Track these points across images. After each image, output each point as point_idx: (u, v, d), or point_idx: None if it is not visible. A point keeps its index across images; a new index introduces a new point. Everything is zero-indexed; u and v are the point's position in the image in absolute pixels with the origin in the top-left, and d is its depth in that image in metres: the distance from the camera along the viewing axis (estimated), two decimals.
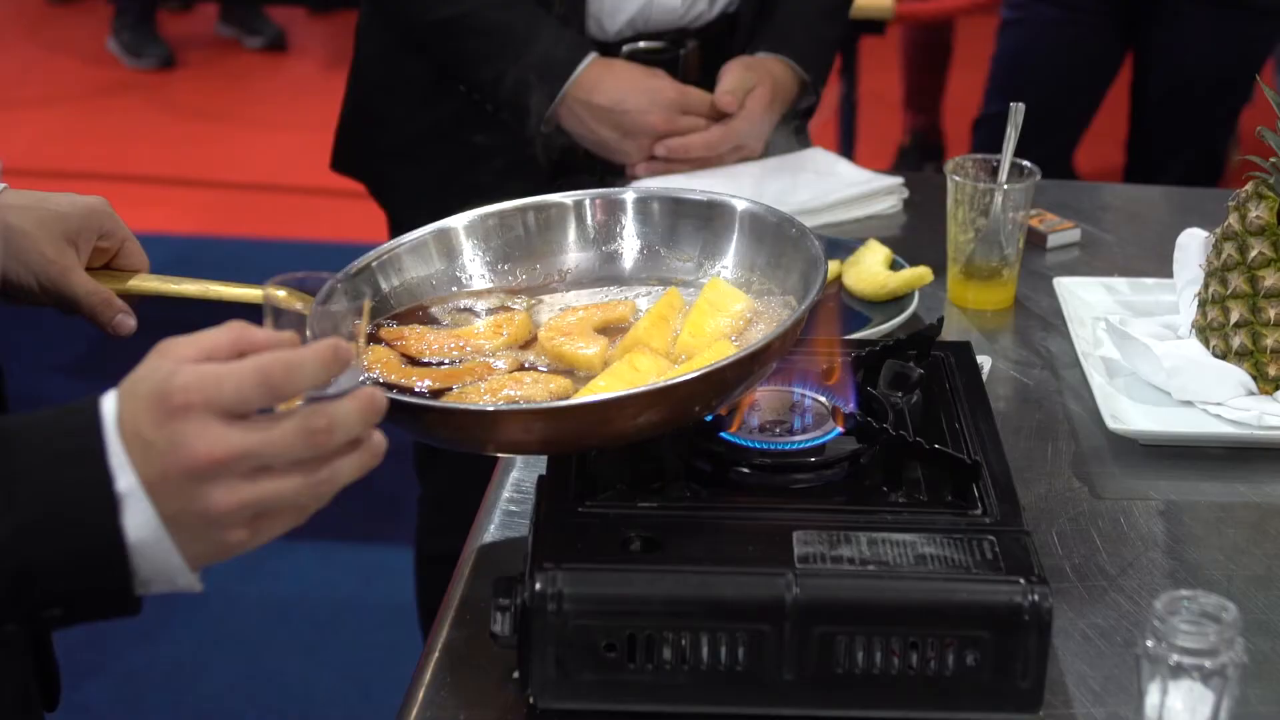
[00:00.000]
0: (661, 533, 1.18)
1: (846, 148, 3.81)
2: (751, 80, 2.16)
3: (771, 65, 2.21)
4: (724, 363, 1.21)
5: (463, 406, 1.27)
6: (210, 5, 6.16)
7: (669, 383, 1.20)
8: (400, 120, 2.27)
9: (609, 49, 2.16)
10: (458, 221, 1.49)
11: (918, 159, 4.81)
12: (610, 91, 2.10)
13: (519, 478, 1.49)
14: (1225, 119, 3.40)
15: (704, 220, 1.47)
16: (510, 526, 1.42)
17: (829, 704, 1.16)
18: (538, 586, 1.13)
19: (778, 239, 1.42)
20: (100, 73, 5.76)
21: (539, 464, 1.49)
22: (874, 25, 3.67)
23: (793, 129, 2.27)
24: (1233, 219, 1.63)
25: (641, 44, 2.19)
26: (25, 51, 5.95)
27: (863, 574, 1.15)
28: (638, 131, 2.11)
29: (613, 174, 2.16)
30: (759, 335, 1.33)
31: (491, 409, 1.24)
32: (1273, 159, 1.60)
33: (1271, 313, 1.59)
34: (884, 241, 1.91)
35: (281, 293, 1.19)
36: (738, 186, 2.09)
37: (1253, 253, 1.60)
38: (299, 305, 1.40)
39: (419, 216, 2.02)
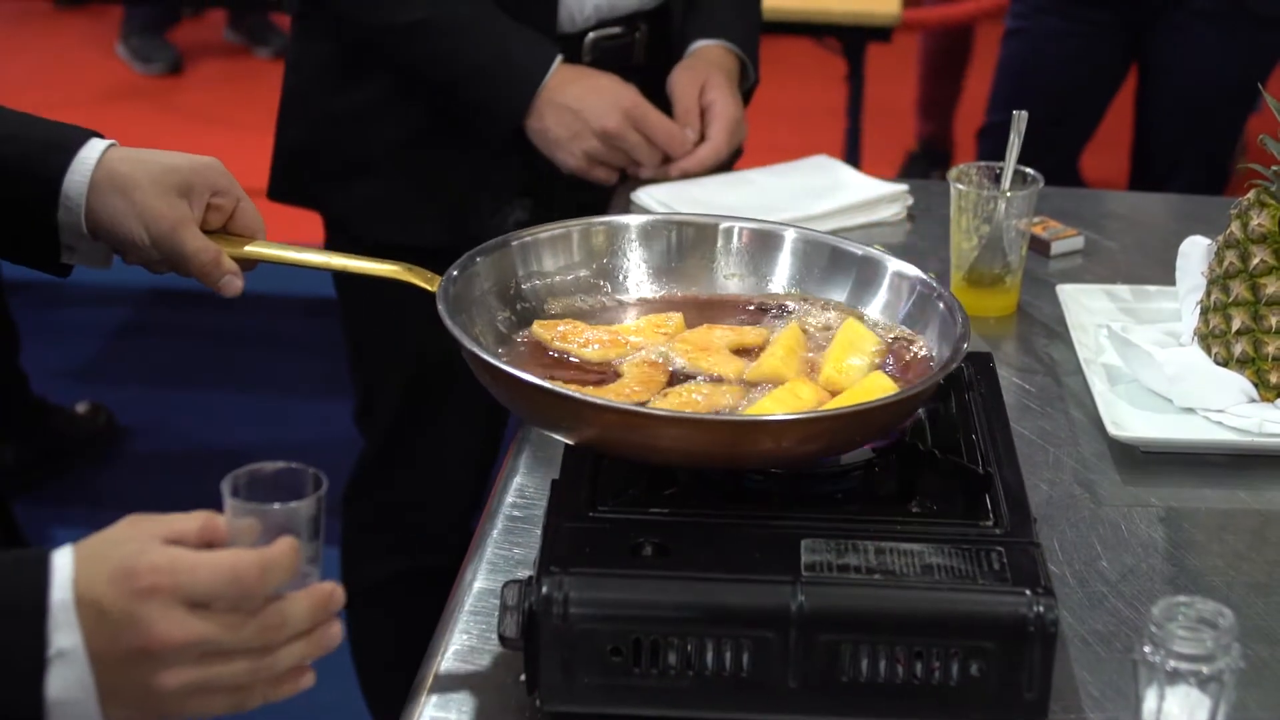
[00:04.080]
0: (671, 539, 1.19)
1: (852, 155, 3.82)
2: (699, 80, 2.18)
3: (708, 54, 2.22)
4: (920, 388, 1.26)
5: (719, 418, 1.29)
6: (219, 11, 6.16)
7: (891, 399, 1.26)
8: (354, 139, 2.20)
9: (574, 40, 2.16)
10: (625, 220, 1.54)
11: (925, 166, 4.80)
12: (575, 92, 2.10)
13: (522, 483, 1.51)
14: (1230, 129, 3.39)
15: (851, 270, 1.51)
16: (514, 531, 1.43)
17: (833, 712, 1.16)
18: (545, 591, 1.14)
19: (918, 298, 1.46)
20: (109, 78, 5.76)
21: (542, 470, 1.50)
22: (880, 32, 3.67)
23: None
24: (1235, 226, 1.64)
25: (604, 31, 2.18)
26: (34, 56, 5.95)
27: (868, 583, 1.16)
28: (589, 134, 2.10)
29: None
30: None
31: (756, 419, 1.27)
32: (1275, 167, 1.61)
33: (1273, 320, 1.60)
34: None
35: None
36: (744, 194, 2.10)
37: (1254, 260, 1.61)
38: (425, 284, 1.41)
39: (376, 233, 2.04)
